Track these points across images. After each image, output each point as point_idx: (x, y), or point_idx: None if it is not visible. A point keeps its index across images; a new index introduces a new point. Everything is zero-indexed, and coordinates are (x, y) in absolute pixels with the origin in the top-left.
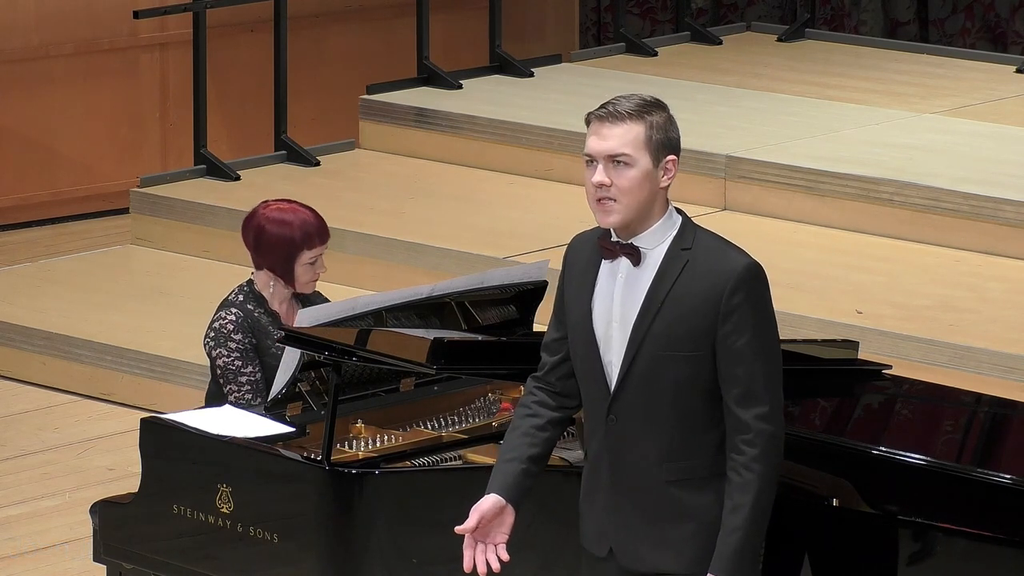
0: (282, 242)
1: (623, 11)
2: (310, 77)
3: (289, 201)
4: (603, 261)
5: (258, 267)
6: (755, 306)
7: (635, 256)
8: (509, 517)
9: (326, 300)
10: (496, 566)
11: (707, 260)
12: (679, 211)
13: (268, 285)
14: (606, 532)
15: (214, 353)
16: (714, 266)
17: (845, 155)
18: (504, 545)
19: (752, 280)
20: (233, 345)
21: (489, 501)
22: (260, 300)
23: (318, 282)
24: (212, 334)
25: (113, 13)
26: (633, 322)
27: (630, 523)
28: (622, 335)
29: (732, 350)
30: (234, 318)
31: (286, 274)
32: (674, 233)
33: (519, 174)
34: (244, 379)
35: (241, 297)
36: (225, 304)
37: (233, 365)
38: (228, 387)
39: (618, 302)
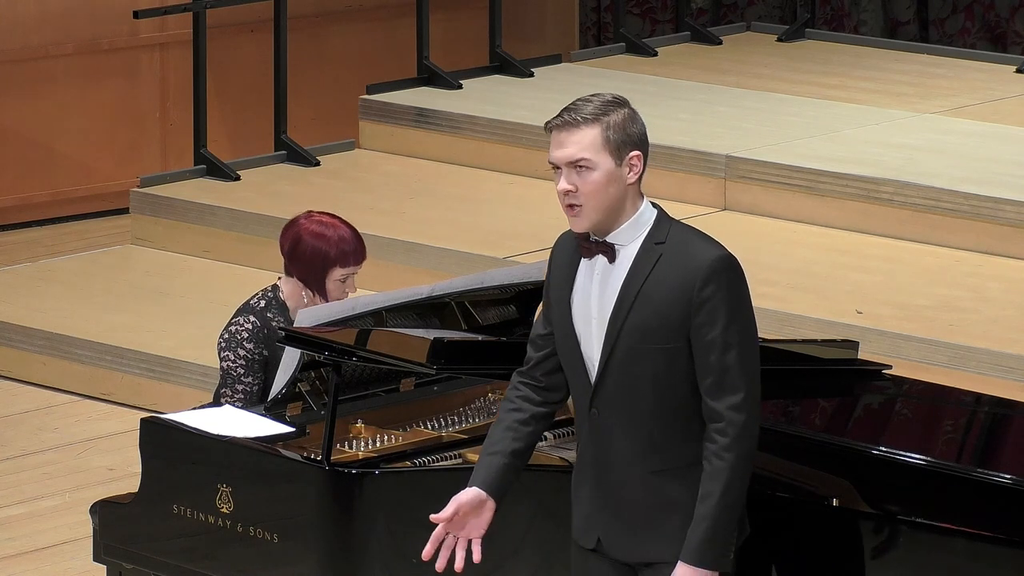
0: (317, 255)
1: (623, 11)
2: (310, 77)
3: (332, 216)
4: (582, 258)
5: (288, 274)
6: (727, 297)
7: (610, 253)
8: (488, 512)
9: None
10: (459, 565)
11: (679, 253)
12: (655, 205)
13: (295, 295)
14: (593, 524)
15: (222, 355)
16: (686, 259)
17: (845, 155)
18: (479, 541)
19: (724, 271)
20: (242, 352)
21: (470, 493)
22: (283, 308)
23: None
24: (226, 336)
25: (113, 13)
26: (609, 317)
27: (616, 514)
28: (600, 330)
29: (704, 341)
30: (251, 327)
31: (318, 288)
32: (648, 228)
33: (519, 174)
34: (240, 387)
35: (263, 303)
36: (246, 309)
37: (235, 371)
38: (223, 390)
39: (595, 298)
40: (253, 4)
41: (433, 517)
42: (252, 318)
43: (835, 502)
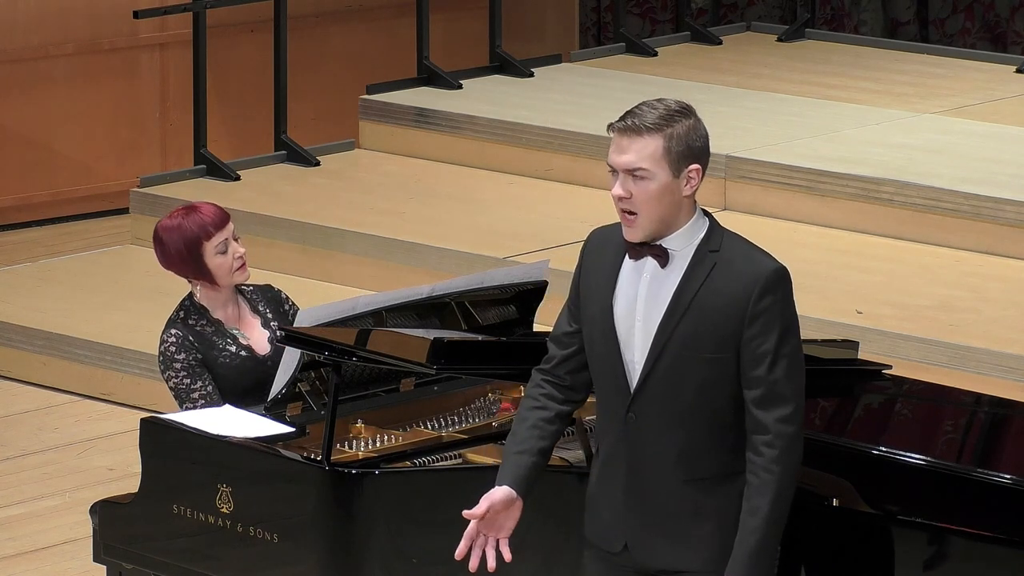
0: (180, 245)
1: (623, 11)
2: (310, 77)
3: (185, 205)
4: (626, 258)
5: (187, 279)
6: (782, 310)
7: (663, 257)
8: (517, 511)
9: (277, 292)
10: (492, 565)
11: (735, 263)
12: (707, 213)
13: (201, 293)
14: (621, 528)
15: (165, 375)
16: (742, 268)
17: (845, 155)
18: (506, 541)
19: (780, 283)
20: (178, 365)
21: (501, 491)
22: (201, 311)
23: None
24: (161, 359)
25: (113, 13)
26: (659, 323)
27: (647, 520)
28: (645, 334)
29: (757, 353)
30: (175, 339)
31: (203, 273)
32: (702, 235)
33: (519, 174)
34: (196, 394)
35: (182, 314)
36: (167, 325)
37: (183, 384)
38: (184, 405)
39: (642, 301)
40: (253, 4)
41: (466, 513)
42: (173, 331)
43: (835, 502)
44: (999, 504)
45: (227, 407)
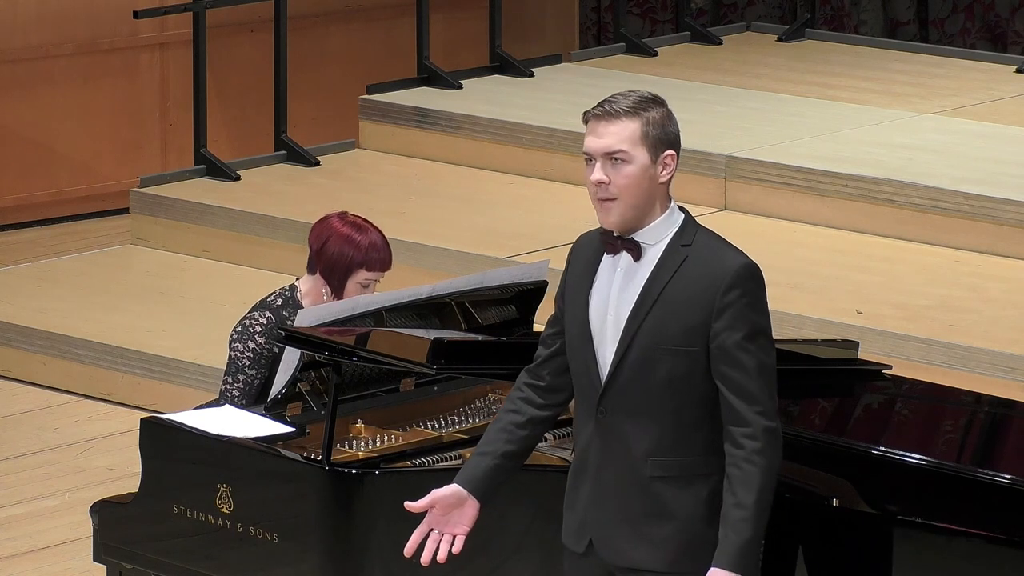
0: (346, 251)
1: (623, 11)
2: (310, 77)
3: (365, 220)
4: (604, 256)
5: (311, 271)
6: (749, 304)
7: (636, 251)
8: (471, 510)
9: None
10: (442, 556)
11: (704, 258)
12: (682, 209)
13: (314, 293)
14: (587, 526)
15: (232, 345)
16: (711, 264)
17: (845, 155)
18: (463, 537)
19: (747, 279)
20: (252, 345)
21: (449, 489)
22: (298, 307)
23: None
24: (239, 328)
25: (113, 13)
26: (627, 316)
27: (612, 517)
28: (616, 328)
29: (724, 347)
30: (265, 321)
31: (338, 287)
32: (675, 230)
33: (519, 174)
34: (242, 377)
35: (280, 302)
36: (262, 305)
37: (240, 361)
38: (224, 377)
39: (615, 295)
40: (253, 4)
41: (407, 505)
42: (268, 314)
43: (835, 502)
44: (999, 504)
45: (227, 407)
